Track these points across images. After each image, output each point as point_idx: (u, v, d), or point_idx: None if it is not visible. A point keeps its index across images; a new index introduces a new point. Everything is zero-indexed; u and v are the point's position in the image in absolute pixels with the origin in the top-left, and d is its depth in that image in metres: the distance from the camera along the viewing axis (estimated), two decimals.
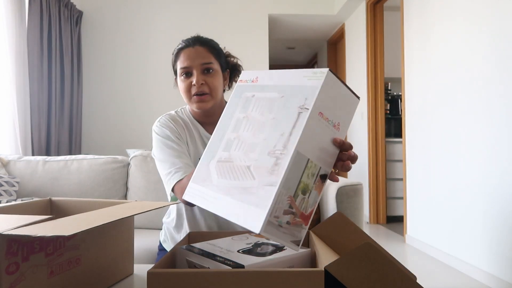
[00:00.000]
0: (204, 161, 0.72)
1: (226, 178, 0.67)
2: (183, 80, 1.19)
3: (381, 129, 4.22)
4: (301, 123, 0.62)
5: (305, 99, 0.64)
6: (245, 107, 0.72)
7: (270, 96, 0.70)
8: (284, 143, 0.62)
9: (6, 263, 0.54)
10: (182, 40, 1.23)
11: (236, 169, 0.66)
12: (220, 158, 0.70)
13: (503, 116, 2.28)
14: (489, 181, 2.39)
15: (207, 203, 0.67)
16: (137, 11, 4.58)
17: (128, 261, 0.84)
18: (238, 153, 0.68)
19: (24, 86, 3.26)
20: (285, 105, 0.66)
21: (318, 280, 0.57)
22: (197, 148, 1.23)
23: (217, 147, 0.71)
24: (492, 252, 2.37)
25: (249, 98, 0.72)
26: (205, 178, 0.70)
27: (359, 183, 1.71)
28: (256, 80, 0.73)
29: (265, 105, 0.69)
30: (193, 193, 0.70)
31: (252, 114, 0.70)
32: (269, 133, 0.66)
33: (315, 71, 0.65)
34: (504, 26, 2.27)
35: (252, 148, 0.66)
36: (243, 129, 0.70)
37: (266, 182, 0.61)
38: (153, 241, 1.67)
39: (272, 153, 0.63)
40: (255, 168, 0.64)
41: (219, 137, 0.73)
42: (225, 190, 0.65)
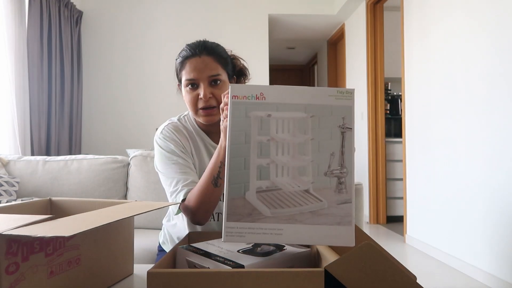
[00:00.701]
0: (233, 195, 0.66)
1: (281, 207, 0.66)
2: (189, 92, 1.13)
3: (381, 129, 4.22)
4: (349, 142, 0.67)
5: (343, 118, 0.68)
6: (264, 128, 0.68)
7: (296, 115, 0.69)
8: (339, 162, 0.67)
9: (6, 263, 0.54)
10: (186, 45, 1.15)
11: (289, 196, 0.66)
12: (261, 188, 0.67)
13: (503, 116, 2.28)
14: (489, 181, 2.39)
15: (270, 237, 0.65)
16: (137, 11, 4.58)
17: (128, 261, 0.84)
18: (284, 179, 0.67)
19: (24, 86, 3.26)
20: (320, 125, 0.68)
21: (318, 280, 0.57)
22: (202, 160, 1.18)
23: (246, 177, 0.67)
24: (492, 252, 2.37)
25: (264, 118, 0.68)
26: (250, 213, 0.66)
27: (359, 183, 1.71)
28: (262, 96, 0.69)
29: (292, 125, 0.68)
30: (239, 232, 0.65)
31: (280, 136, 0.68)
32: (314, 154, 0.67)
33: (340, 90, 0.68)
34: (505, 25, 2.27)
35: (301, 171, 0.67)
36: (275, 153, 0.68)
37: (338, 201, 0.65)
38: (153, 241, 1.67)
39: (330, 173, 0.66)
40: (316, 190, 0.66)
41: (239, 165, 0.67)
42: (287, 219, 0.65)
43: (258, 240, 0.65)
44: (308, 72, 8.10)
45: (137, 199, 2.02)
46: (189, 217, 1.08)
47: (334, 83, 5.92)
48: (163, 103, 4.40)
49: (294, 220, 0.65)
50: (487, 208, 2.41)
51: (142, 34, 4.57)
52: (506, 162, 2.25)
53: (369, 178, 4.25)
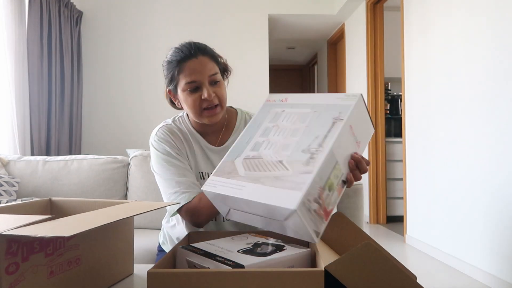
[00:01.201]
0: (228, 158, 0.79)
1: (255, 170, 0.73)
2: (190, 95, 1.10)
3: (381, 129, 4.22)
4: (336, 128, 0.72)
5: (339, 112, 0.75)
6: (275, 119, 0.81)
7: (302, 111, 0.79)
8: (320, 143, 0.71)
9: (6, 263, 0.54)
10: (176, 48, 1.13)
11: (266, 163, 0.73)
12: (248, 156, 0.77)
13: (504, 115, 2.28)
14: (489, 181, 2.39)
15: (232, 191, 0.71)
16: (137, 11, 4.58)
17: (128, 261, 0.84)
18: (268, 152, 0.75)
19: (24, 86, 3.26)
20: (318, 117, 0.76)
21: (318, 280, 0.57)
22: (197, 162, 1.18)
23: (244, 148, 0.79)
24: (493, 252, 2.37)
25: (278, 112, 0.82)
26: (230, 172, 0.75)
27: (359, 183, 1.70)
28: (285, 100, 0.85)
29: (297, 117, 0.79)
30: (215, 183, 0.75)
31: (282, 124, 0.79)
32: (302, 136, 0.74)
33: (348, 94, 0.77)
34: (505, 25, 2.27)
35: (285, 147, 0.74)
36: (273, 134, 0.78)
37: (302, 171, 0.68)
38: (153, 241, 1.67)
39: (307, 150, 0.71)
40: (288, 162, 0.71)
41: (245, 140, 0.80)
42: (254, 179, 0.71)
43: (223, 191, 0.72)
44: (308, 72, 8.09)
45: (137, 199, 2.02)
46: (191, 220, 1.08)
47: (334, 83, 5.92)
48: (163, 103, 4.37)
49: (258, 181, 0.71)
50: (488, 208, 2.41)
51: (142, 34, 4.57)
52: (506, 161, 2.25)
53: (369, 178, 4.25)
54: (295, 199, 0.64)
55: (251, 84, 4.53)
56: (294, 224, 0.67)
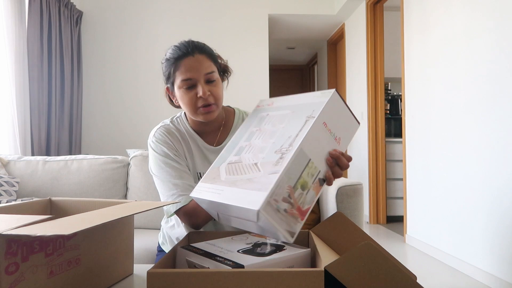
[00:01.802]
0: (215, 165, 0.82)
1: (234, 174, 0.76)
2: (186, 93, 1.11)
3: (381, 129, 4.22)
4: (307, 126, 0.72)
5: (313, 110, 0.75)
6: (259, 123, 0.85)
7: (282, 113, 0.82)
8: (290, 142, 0.72)
9: (6, 263, 0.54)
10: (174, 46, 1.14)
11: (244, 167, 0.76)
12: (231, 161, 0.80)
13: (504, 115, 2.28)
14: (490, 181, 2.39)
15: (212, 195, 0.74)
16: (137, 11, 4.58)
17: (128, 261, 0.84)
18: (248, 155, 0.78)
19: (24, 86, 3.26)
20: (294, 117, 0.78)
21: (318, 280, 0.57)
22: (194, 162, 1.18)
23: (229, 154, 0.82)
24: (493, 252, 2.37)
25: (263, 116, 0.86)
26: (214, 177, 0.79)
27: (359, 183, 1.71)
28: (271, 104, 0.88)
29: (277, 119, 0.81)
30: (201, 189, 0.78)
31: (264, 127, 0.82)
32: (278, 137, 0.76)
33: (323, 91, 0.78)
34: (505, 25, 2.27)
35: (262, 150, 0.76)
36: (255, 138, 0.81)
37: (270, 172, 0.69)
38: (152, 241, 1.67)
39: (279, 151, 0.73)
40: (262, 164, 0.73)
41: (232, 147, 0.84)
42: (231, 183, 0.74)
43: (205, 196, 0.75)
44: (308, 72, 8.09)
45: (137, 199, 2.02)
46: (189, 222, 1.08)
47: (334, 83, 5.92)
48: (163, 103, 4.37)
49: (234, 184, 0.73)
50: (488, 208, 2.41)
51: (142, 34, 4.57)
52: (507, 161, 2.25)
53: (369, 178, 4.25)
54: (259, 200, 0.65)
55: (251, 84, 4.53)
56: (265, 224, 0.67)
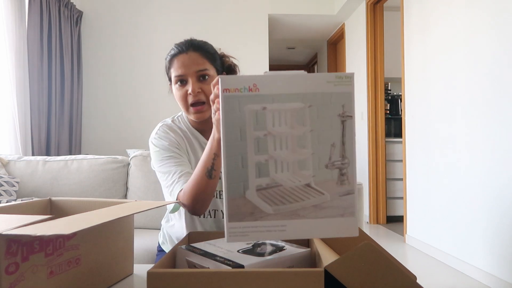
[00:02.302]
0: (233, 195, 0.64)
1: (283, 203, 0.64)
2: (178, 89, 1.14)
3: (381, 129, 4.22)
4: (350, 131, 0.64)
5: (343, 106, 0.64)
6: (260, 122, 0.64)
7: (292, 106, 0.64)
8: (341, 153, 0.64)
9: (6, 263, 0.54)
10: (174, 44, 1.17)
11: (290, 191, 0.65)
12: (260, 186, 0.64)
13: (504, 115, 2.28)
14: (489, 181, 2.39)
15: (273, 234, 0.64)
16: (137, 10, 4.58)
17: (128, 261, 0.84)
18: (284, 175, 0.65)
19: (24, 86, 3.26)
20: (319, 115, 0.64)
21: (318, 280, 0.57)
22: (197, 157, 1.19)
23: (245, 176, 0.64)
24: (493, 252, 2.37)
25: (259, 111, 0.64)
26: (251, 212, 0.64)
27: (359, 183, 1.71)
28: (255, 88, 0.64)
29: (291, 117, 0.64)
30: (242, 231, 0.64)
31: (276, 130, 0.64)
32: (315, 146, 0.64)
33: (339, 75, 0.64)
34: (505, 24, 2.27)
35: (301, 165, 0.65)
36: (273, 147, 0.64)
37: (341, 193, 0.63)
38: (152, 241, 1.67)
39: (332, 165, 0.64)
40: (317, 184, 0.64)
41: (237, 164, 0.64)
42: (290, 215, 0.64)
43: (262, 238, 0.64)
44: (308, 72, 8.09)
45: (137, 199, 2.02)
46: (187, 208, 1.07)
47: None
48: (164, 103, 4.40)
49: (297, 215, 0.64)
50: (488, 208, 2.40)
51: (142, 34, 4.57)
52: (507, 161, 2.25)
53: (369, 178, 4.25)
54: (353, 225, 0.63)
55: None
56: None
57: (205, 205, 1.05)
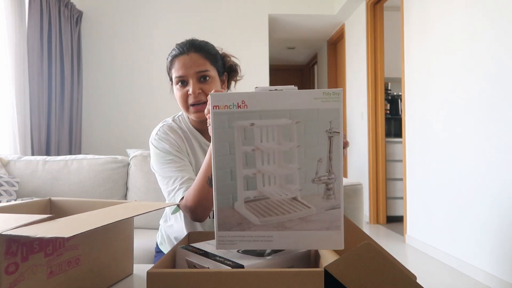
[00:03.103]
0: (223, 205, 0.68)
1: (270, 215, 0.67)
2: (179, 89, 1.15)
3: (381, 129, 4.22)
4: (337, 147, 0.65)
5: (330, 122, 0.65)
6: (248, 138, 0.67)
7: (280, 123, 0.66)
8: (327, 168, 0.65)
9: (6, 263, 0.54)
10: (176, 44, 1.18)
11: (277, 204, 0.67)
12: (248, 198, 0.67)
13: (504, 114, 2.28)
14: (489, 181, 2.39)
15: (259, 244, 0.67)
16: (137, 10, 4.58)
17: (128, 261, 0.84)
18: (272, 188, 0.67)
19: (24, 86, 3.26)
20: (306, 131, 0.66)
21: (318, 280, 0.57)
22: (198, 159, 1.19)
23: (233, 188, 0.68)
24: (493, 251, 2.37)
25: (247, 128, 0.67)
26: (239, 222, 0.67)
27: (359, 183, 1.71)
28: (244, 104, 0.66)
29: (278, 133, 0.66)
30: (231, 240, 0.67)
31: (264, 146, 0.67)
32: (302, 161, 0.66)
33: (327, 91, 0.65)
34: (505, 24, 2.27)
35: (288, 179, 0.67)
36: (261, 162, 0.67)
37: (327, 207, 0.65)
38: (152, 241, 1.66)
39: (318, 180, 0.66)
40: (304, 197, 0.66)
41: (226, 177, 0.68)
42: (277, 226, 0.66)
43: (249, 247, 0.67)
44: (308, 72, 8.10)
45: (137, 199, 2.02)
46: (189, 215, 1.08)
47: (334, 83, 5.92)
48: (164, 103, 4.40)
49: (283, 227, 0.66)
50: (488, 208, 2.40)
51: (142, 34, 4.57)
52: (506, 161, 2.25)
53: (369, 178, 4.25)
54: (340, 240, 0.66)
55: (251, 84, 4.51)
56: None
57: (206, 212, 1.06)
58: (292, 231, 0.66)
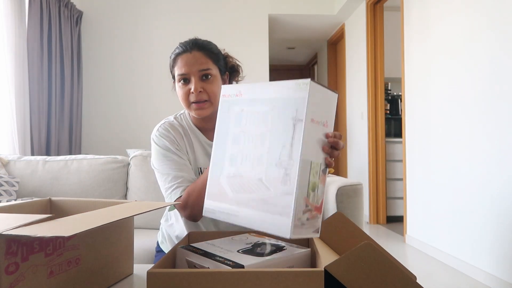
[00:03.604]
0: (213, 176, 0.78)
1: (241, 192, 0.73)
2: (181, 87, 1.16)
3: (381, 129, 4.22)
4: (299, 134, 0.68)
5: (296, 110, 0.69)
6: (238, 121, 0.77)
7: (260, 109, 0.74)
8: (289, 153, 0.69)
9: (6, 263, 0.54)
10: (179, 43, 1.20)
11: (248, 182, 0.73)
12: (229, 174, 0.76)
13: (504, 115, 2.28)
14: (490, 181, 2.39)
15: (230, 217, 0.74)
16: (137, 10, 4.58)
17: (128, 261, 0.84)
18: (245, 167, 0.74)
19: (24, 86, 3.26)
20: (278, 117, 0.71)
21: (318, 280, 0.57)
22: (196, 157, 1.21)
23: (223, 162, 0.78)
24: (493, 252, 2.37)
25: (238, 112, 0.77)
26: (220, 193, 0.76)
27: (359, 183, 1.71)
28: (240, 94, 0.78)
29: (257, 118, 0.74)
30: (212, 209, 0.77)
31: (247, 128, 0.75)
32: (270, 145, 0.71)
33: (298, 82, 0.70)
34: (505, 24, 2.27)
35: (259, 161, 0.73)
36: (243, 142, 0.75)
37: (282, 192, 0.68)
38: (152, 241, 1.66)
39: (279, 164, 0.69)
40: (267, 180, 0.71)
41: (221, 152, 0.78)
42: (244, 203, 0.72)
43: (222, 218, 0.75)
44: (308, 72, 8.10)
45: (137, 199, 2.02)
46: (185, 214, 1.10)
47: (334, 83, 5.92)
48: (164, 103, 4.40)
49: (248, 205, 0.72)
50: (488, 208, 2.41)
51: (142, 34, 4.57)
52: (506, 161, 2.25)
53: (369, 178, 4.25)
54: (286, 227, 0.66)
55: None
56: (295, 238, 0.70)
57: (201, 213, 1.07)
58: (254, 210, 0.70)
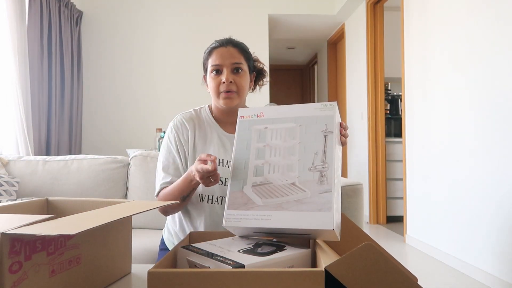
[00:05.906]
0: (234, 189, 0.82)
1: (271, 197, 0.77)
2: (213, 78, 1.24)
3: (381, 129, 4.22)
4: (331, 142, 0.79)
5: (325, 125, 0.81)
6: (261, 137, 0.85)
7: (286, 126, 0.84)
8: (322, 159, 0.78)
9: (10, 262, 0.55)
10: (215, 40, 1.29)
11: (278, 188, 0.78)
12: (255, 183, 0.81)
13: (504, 115, 2.28)
14: (489, 180, 2.39)
15: (260, 222, 0.76)
16: (137, 11, 4.58)
17: (126, 260, 0.84)
18: (275, 175, 0.80)
19: (26, 86, 3.26)
20: (306, 131, 0.82)
21: (318, 280, 0.58)
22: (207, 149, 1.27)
23: (245, 175, 0.82)
24: (493, 252, 2.37)
25: (262, 130, 0.86)
26: (245, 203, 0.79)
27: (359, 183, 1.71)
28: (262, 115, 0.88)
29: (285, 134, 0.83)
30: (236, 218, 0.78)
31: (273, 142, 0.83)
32: (301, 154, 0.80)
33: (324, 104, 0.83)
34: (505, 25, 2.27)
35: (289, 168, 0.79)
36: (269, 155, 0.82)
37: (320, 191, 0.75)
38: (153, 241, 1.67)
39: (314, 168, 0.78)
40: (301, 183, 0.77)
41: (241, 166, 0.84)
42: (276, 207, 0.76)
43: (250, 224, 0.76)
44: (308, 72, 8.09)
45: (137, 199, 2.02)
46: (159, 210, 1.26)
47: (334, 83, 5.92)
48: (164, 103, 4.40)
49: (281, 207, 0.75)
50: (488, 208, 2.41)
51: (142, 34, 4.57)
52: (506, 161, 2.25)
53: (369, 178, 4.25)
54: (330, 220, 0.71)
55: None
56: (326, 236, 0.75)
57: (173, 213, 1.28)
58: (289, 211, 0.74)
